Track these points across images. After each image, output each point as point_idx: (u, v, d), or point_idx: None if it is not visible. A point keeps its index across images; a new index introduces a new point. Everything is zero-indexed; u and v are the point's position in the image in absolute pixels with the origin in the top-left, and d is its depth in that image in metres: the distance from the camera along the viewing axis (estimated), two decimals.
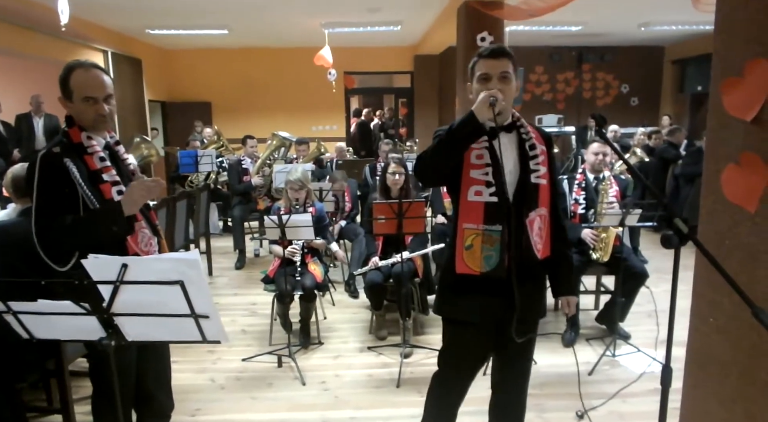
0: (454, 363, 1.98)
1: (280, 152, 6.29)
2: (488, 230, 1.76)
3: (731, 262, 1.77)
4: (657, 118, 10.18)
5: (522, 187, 1.80)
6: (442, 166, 1.76)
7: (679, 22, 8.06)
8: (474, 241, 1.77)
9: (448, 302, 1.91)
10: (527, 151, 1.83)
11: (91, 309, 1.25)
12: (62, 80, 1.87)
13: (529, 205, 1.79)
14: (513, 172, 1.81)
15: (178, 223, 4.58)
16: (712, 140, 1.90)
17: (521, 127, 1.87)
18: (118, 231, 1.85)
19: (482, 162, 1.78)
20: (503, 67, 1.76)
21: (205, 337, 1.28)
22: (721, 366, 1.86)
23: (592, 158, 3.64)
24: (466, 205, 1.79)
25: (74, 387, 2.83)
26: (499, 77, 1.76)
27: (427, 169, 1.78)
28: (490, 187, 1.76)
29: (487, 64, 1.77)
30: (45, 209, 1.79)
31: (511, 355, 1.93)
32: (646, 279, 3.47)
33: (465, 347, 1.93)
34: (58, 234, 1.77)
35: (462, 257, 1.79)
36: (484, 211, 1.76)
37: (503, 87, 1.74)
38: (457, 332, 1.93)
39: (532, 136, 1.86)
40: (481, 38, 5.78)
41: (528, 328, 1.84)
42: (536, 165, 1.82)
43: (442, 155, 1.73)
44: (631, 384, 3.01)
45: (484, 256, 1.76)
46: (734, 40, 1.78)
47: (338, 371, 3.31)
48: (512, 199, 1.77)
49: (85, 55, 7.36)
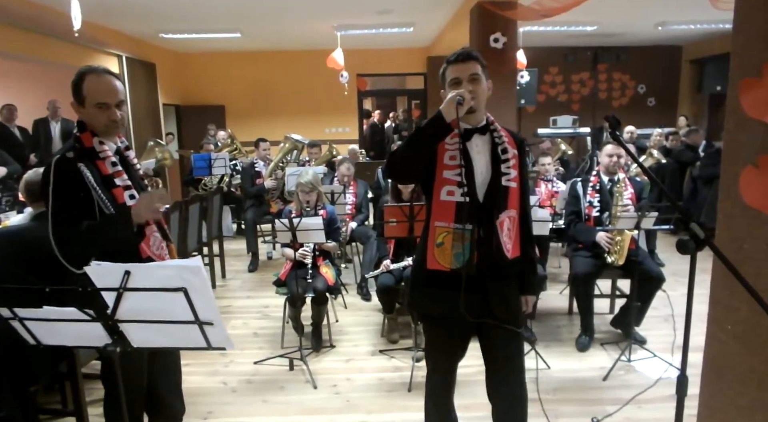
0: (432, 357, 2.05)
1: (292, 155, 6.31)
2: (459, 229, 1.82)
3: (749, 268, 1.73)
4: (674, 119, 10.03)
5: (492, 189, 1.87)
6: (411, 162, 1.81)
7: (697, 21, 7.92)
8: (445, 239, 1.84)
9: (420, 297, 1.99)
10: (499, 155, 1.89)
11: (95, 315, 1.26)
12: (74, 86, 1.89)
13: (499, 206, 1.86)
14: (484, 174, 1.88)
15: (191, 226, 4.61)
16: (730, 142, 1.86)
17: (494, 130, 1.93)
18: (129, 238, 1.87)
19: (455, 163, 1.84)
20: (472, 70, 1.83)
21: (210, 344, 1.27)
22: (740, 375, 1.81)
23: (606, 160, 3.59)
24: (438, 204, 1.86)
25: (88, 389, 2.86)
26: (469, 79, 1.82)
27: (397, 165, 1.84)
28: (461, 187, 1.81)
29: (455, 69, 1.85)
30: (61, 214, 1.81)
31: (499, 360, 1.96)
32: (663, 283, 3.40)
33: (439, 341, 2.00)
34: (76, 239, 1.80)
35: (433, 254, 1.86)
36: (455, 210, 1.83)
37: (473, 88, 1.81)
38: (430, 326, 2.02)
39: (505, 140, 1.92)
40: (494, 39, 5.74)
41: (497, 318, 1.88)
42: (507, 168, 1.88)
43: (411, 152, 1.79)
44: (647, 390, 2.95)
45: (454, 254, 1.83)
46: (753, 41, 1.73)
47: (350, 374, 3.29)
48: (482, 200, 1.86)
49: (100, 60, 7.46)
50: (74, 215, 1.81)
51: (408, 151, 1.79)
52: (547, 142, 7.48)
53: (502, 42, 5.74)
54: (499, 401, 2.02)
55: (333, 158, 6.48)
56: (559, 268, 5.34)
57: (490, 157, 1.89)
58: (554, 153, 6.69)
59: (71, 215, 1.81)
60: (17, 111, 6.65)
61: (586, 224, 3.62)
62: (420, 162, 1.81)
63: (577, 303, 3.68)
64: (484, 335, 1.96)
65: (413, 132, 1.82)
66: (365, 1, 6.47)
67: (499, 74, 5.86)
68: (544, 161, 5.04)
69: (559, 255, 5.52)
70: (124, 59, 7.95)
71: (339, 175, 5.19)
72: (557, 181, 5.13)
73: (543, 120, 9.90)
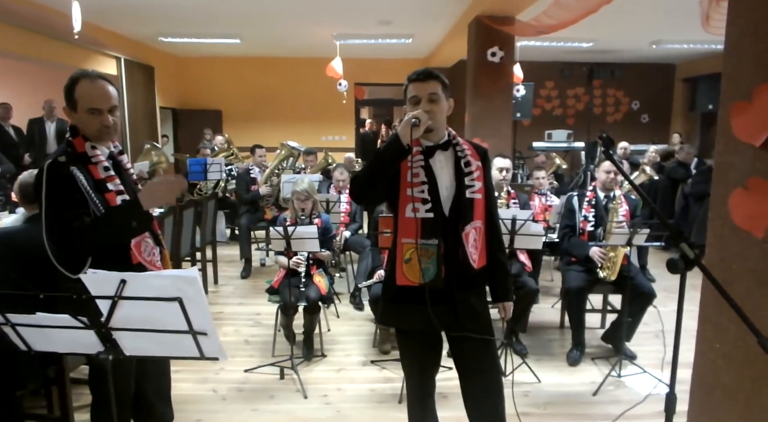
0: (407, 368, 2.06)
1: (288, 162, 6.32)
2: (425, 244, 1.85)
3: (738, 288, 1.75)
4: (667, 136, 10.13)
5: (457, 203, 1.90)
6: (373, 186, 1.85)
7: (691, 41, 8.04)
8: (412, 255, 1.87)
9: (391, 312, 2.01)
10: (463, 168, 1.92)
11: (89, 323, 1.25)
12: (67, 90, 1.89)
13: (464, 219, 1.89)
14: (449, 188, 1.91)
15: (184, 231, 4.60)
16: (720, 164, 1.89)
17: (457, 144, 1.96)
18: (138, 226, 1.87)
19: (418, 180, 1.87)
20: (431, 89, 1.86)
21: (203, 354, 1.27)
22: (727, 393, 1.83)
23: (603, 176, 3.63)
24: (404, 221, 1.89)
25: (75, 394, 2.83)
26: (428, 98, 1.85)
27: (360, 188, 1.89)
28: (426, 203, 1.86)
29: (416, 87, 1.88)
30: (58, 215, 1.80)
31: (473, 369, 1.97)
32: (654, 299, 3.43)
33: (413, 353, 2.02)
34: (79, 235, 1.79)
35: (402, 270, 1.89)
36: (421, 226, 1.85)
37: (432, 107, 1.84)
38: (404, 340, 2.04)
39: (467, 152, 1.95)
40: (492, 53, 5.80)
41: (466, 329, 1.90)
42: (471, 181, 1.92)
43: (372, 176, 1.83)
44: (636, 406, 2.96)
45: (422, 269, 1.86)
46: (743, 64, 1.77)
47: (341, 384, 3.29)
48: (448, 214, 1.89)
49: (99, 61, 7.46)
50: (69, 215, 1.80)
51: (369, 174, 1.83)
52: (542, 156, 7.54)
53: (500, 56, 5.80)
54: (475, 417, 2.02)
55: (329, 166, 6.50)
56: (552, 281, 5.36)
57: (454, 171, 1.93)
58: (548, 167, 6.74)
59: (66, 215, 1.80)
60: (12, 110, 6.63)
61: (580, 238, 3.64)
62: (382, 185, 1.85)
63: (569, 317, 3.70)
64: (456, 347, 1.99)
65: (372, 156, 1.84)
66: (365, 12, 6.53)
67: (495, 87, 5.92)
68: (538, 175, 5.08)
69: (551, 269, 5.54)
70: (122, 61, 7.96)
71: (334, 180, 5.22)
72: (551, 195, 5.17)
73: (538, 133, 9.97)
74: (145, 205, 1.86)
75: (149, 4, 6.13)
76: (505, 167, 3.89)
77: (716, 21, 2.84)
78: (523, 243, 3.29)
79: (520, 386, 3.24)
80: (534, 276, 3.94)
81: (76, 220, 1.79)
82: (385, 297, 2.03)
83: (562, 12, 4.08)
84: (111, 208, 1.86)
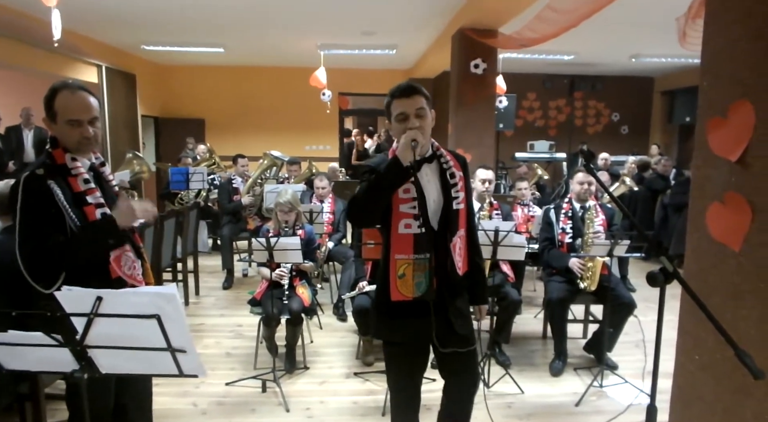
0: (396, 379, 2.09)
1: (271, 171, 6.28)
2: (418, 259, 1.90)
3: (715, 300, 1.78)
4: (647, 147, 10.32)
5: (445, 215, 1.94)
6: (373, 209, 1.87)
7: (669, 55, 8.23)
8: (406, 270, 1.91)
9: (386, 327, 2.03)
10: (448, 180, 1.96)
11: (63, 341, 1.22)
12: (47, 101, 1.86)
13: (452, 230, 1.94)
14: (437, 201, 1.95)
15: (165, 241, 4.54)
16: (698, 178, 1.93)
17: (441, 156, 2.00)
18: (114, 243, 1.86)
19: (409, 196, 1.89)
20: (417, 104, 1.87)
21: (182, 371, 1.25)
22: (706, 405, 1.85)
23: (577, 187, 3.67)
24: (397, 238, 1.91)
25: (50, 410, 2.77)
26: (416, 114, 1.87)
27: (360, 212, 1.89)
28: (417, 219, 1.87)
29: (401, 104, 1.88)
30: (32, 230, 1.76)
31: (456, 368, 2.06)
32: (634, 309, 3.47)
33: (403, 363, 2.05)
34: (51, 255, 1.75)
35: (396, 286, 1.92)
36: (414, 242, 1.89)
37: (421, 123, 1.86)
38: (393, 352, 2.06)
39: (451, 163, 1.99)
40: (475, 65, 5.86)
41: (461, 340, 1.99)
42: (456, 192, 1.96)
43: (373, 200, 1.84)
44: (617, 417, 2.98)
45: (415, 283, 1.91)
46: (719, 81, 1.81)
47: (323, 397, 3.25)
48: (437, 227, 1.93)
49: (79, 69, 7.37)
50: (43, 231, 1.77)
51: (369, 198, 1.83)
52: (524, 167, 7.62)
53: (482, 68, 5.86)
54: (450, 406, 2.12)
55: (312, 176, 6.47)
56: (534, 292, 5.40)
57: (440, 183, 1.96)
58: (531, 177, 6.81)
59: (40, 231, 1.76)
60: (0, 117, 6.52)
61: (560, 250, 3.68)
62: (380, 208, 1.87)
63: (551, 327, 3.73)
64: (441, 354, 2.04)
65: (372, 180, 1.83)
66: (349, 22, 6.56)
67: (478, 98, 5.98)
68: (520, 186, 5.12)
69: (534, 279, 5.58)
70: (103, 69, 7.87)
71: (315, 189, 5.21)
72: (533, 206, 5.21)
73: (521, 144, 10.09)
74: (121, 222, 1.85)
75: (131, 12, 6.08)
76: (487, 178, 3.92)
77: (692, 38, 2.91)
78: (506, 254, 3.30)
79: (504, 397, 3.24)
80: (517, 286, 3.96)
81: (50, 238, 1.76)
82: (380, 312, 2.03)
83: (544, 26, 4.15)
84: (87, 225, 1.83)
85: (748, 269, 1.69)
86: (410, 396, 2.09)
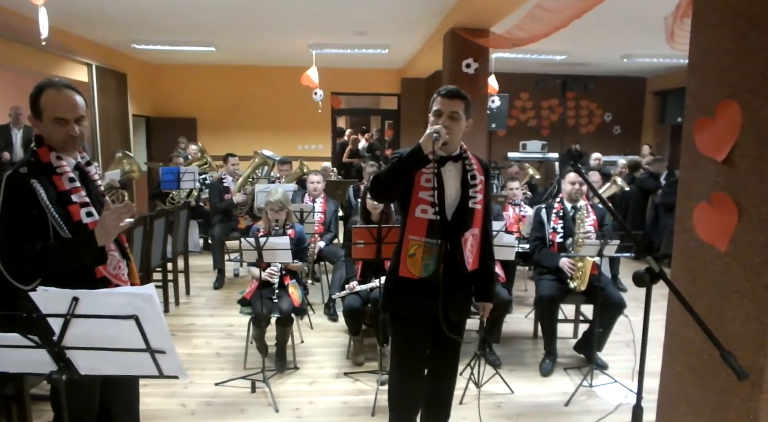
0: (398, 355, 2.25)
1: (263, 171, 6.25)
2: (429, 243, 2.08)
3: (702, 301, 1.78)
4: (638, 147, 10.36)
5: (460, 210, 2.13)
6: (393, 187, 2.09)
7: (660, 55, 8.26)
8: (416, 251, 2.10)
9: (393, 301, 2.22)
10: (469, 181, 2.15)
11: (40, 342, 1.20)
12: (32, 99, 1.84)
13: (465, 225, 2.12)
14: (454, 196, 2.14)
15: (155, 241, 4.50)
16: (685, 178, 1.93)
17: (466, 158, 2.19)
18: (90, 261, 1.82)
19: (429, 185, 2.08)
20: (454, 108, 2.08)
21: (162, 372, 1.23)
22: (693, 405, 1.85)
23: (569, 187, 3.68)
24: (413, 220, 2.11)
25: (36, 410, 2.74)
26: (449, 115, 2.07)
27: (381, 188, 2.11)
28: (433, 207, 2.06)
29: (442, 103, 2.09)
30: (12, 232, 1.74)
31: (444, 349, 2.26)
32: (624, 309, 3.48)
33: (408, 340, 2.22)
34: (27, 261, 1.73)
35: (405, 263, 2.12)
36: (427, 227, 2.08)
37: (451, 124, 2.06)
38: (403, 327, 2.22)
39: (474, 167, 2.18)
40: (467, 64, 5.85)
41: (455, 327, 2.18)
42: (474, 193, 2.15)
43: (394, 178, 2.05)
44: (606, 416, 2.99)
45: (423, 264, 2.09)
46: (706, 81, 1.81)
47: (313, 397, 3.24)
48: (451, 219, 2.12)
49: (69, 68, 7.30)
50: (24, 233, 1.74)
51: (390, 176, 2.04)
52: (515, 167, 7.63)
53: (474, 67, 5.86)
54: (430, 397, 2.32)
55: (304, 175, 6.45)
56: (525, 291, 5.40)
57: (461, 182, 2.15)
58: (522, 177, 6.82)
59: (21, 233, 1.74)
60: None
61: (550, 249, 3.68)
62: (400, 186, 2.08)
63: (541, 326, 3.73)
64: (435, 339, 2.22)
65: (396, 161, 2.03)
66: (341, 22, 6.54)
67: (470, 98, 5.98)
68: (512, 186, 5.13)
69: (525, 278, 5.59)
70: (93, 68, 7.80)
71: (309, 184, 5.18)
72: (525, 206, 5.22)
73: (513, 144, 10.10)
74: (101, 240, 1.80)
75: (121, 10, 6.03)
76: None
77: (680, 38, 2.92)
78: (496, 254, 3.28)
79: (493, 397, 3.24)
80: (507, 286, 3.96)
81: (27, 243, 1.73)
82: (388, 287, 2.24)
83: (534, 25, 4.14)
84: (64, 240, 1.79)
85: (734, 269, 1.69)
86: (413, 366, 2.22)
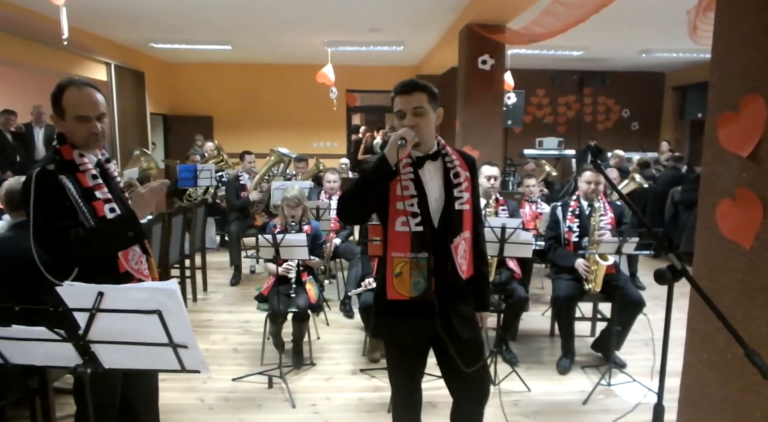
0: (396, 378, 2.06)
1: (279, 168, 6.29)
2: (416, 258, 1.83)
3: (725, 299, 1.75)
4: (657, 144, 10.21)
5: (447, 215, 1.87)
6: (361, 207, 1.85)
7: (680, 50, 8.12)
8: (403, 269, 1.85)
9: (383, 326, 1.99)
10: (452, 179, 1.89)
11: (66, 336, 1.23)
12: (54, 98, 1.88)
13: (453, 230, 1.87)
14: (438, 200, 1.88)
15: (173, 238, 4.56)
16: (708, 174, 1.89)
17: (446, 155, 1.93)
18: (134, 237, 1.88)
19: (408, 193, 1.84)
20: (417, 103, 1.82)
21: (184, 366, 1.25)
22: (715, 404, 1.83)
23: (585, 187, 3.63)
24: (394, 235, 1.86)
25: (59, 404, 2.79)
26: (413, 112, 1.81)
27: (348, 210, 1.86)
28: (416, 217, 1.82)
29: (402, 101, 1.84)
30: (49, 223, 1.78)
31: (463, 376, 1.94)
32: (643, 307, 3.43)
33: (402, 364, 2.02)
34: (75, 245, 1.77)
35: (392, 284, 1.87)
36: (411, 240, 1.83)
37: (417, 121, 1.81)
38: (394, 353, 2.03)
39: (456, 163, 1.92)
40: (483, 61, 5.82)
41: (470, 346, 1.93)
42: (460, 192, 1.89)
43: (360, 198, 1.81)
44: (625, 415, 2.96)
45: (413, 282, 1.85)
46: (729, 75, 1.78)
47: (329, 394, 3.26)
48: (437, 226, 1.86)
49: (88, 67, 7.41)
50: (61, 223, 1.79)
51: (357, 195, 1.80)
52: (532, 164, 7.57)
53: (490, 64, 5.82)
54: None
55: (320, 173, 6.48)
56: (542, 289, 5.36)
57: (443, 182, 1.90)
58: (539, 174, 6.76)
59: (56, 223, 1.78)
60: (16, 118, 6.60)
61: (566, 249, 3.64)
62: (369, 205, 1.85)
63: (559, 325, 3.70)
64: (442, 355, 1.98)
65: (360, 177, 1.82)
66: (356, 19, 6.54)
67: (486, 95, 5.95)
68: (528, 183, 5.08)
69: (542, 276, 5.55)
70: (112, 67, 7.91)
71: (325, 183, 5.20)
72: (541, 203, 5.17)
73: (529, 141, 10.02)
74: (140, 214, 1.88)
75: (140, 10, 6.10)
76: (492, 175, 3.89)
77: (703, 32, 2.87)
78: (513, 251, 3.28)
79: (510, 395, 3.23)
80: (524, 283, 3.94)
81: (71, 229, 1.78)
82: (377, 311, 2.00)
83: (552, 20, 4.11)
84: (109, 221, 1.87)
85: (759, 266, 1.66)
86: (409, 394, 2.06)
